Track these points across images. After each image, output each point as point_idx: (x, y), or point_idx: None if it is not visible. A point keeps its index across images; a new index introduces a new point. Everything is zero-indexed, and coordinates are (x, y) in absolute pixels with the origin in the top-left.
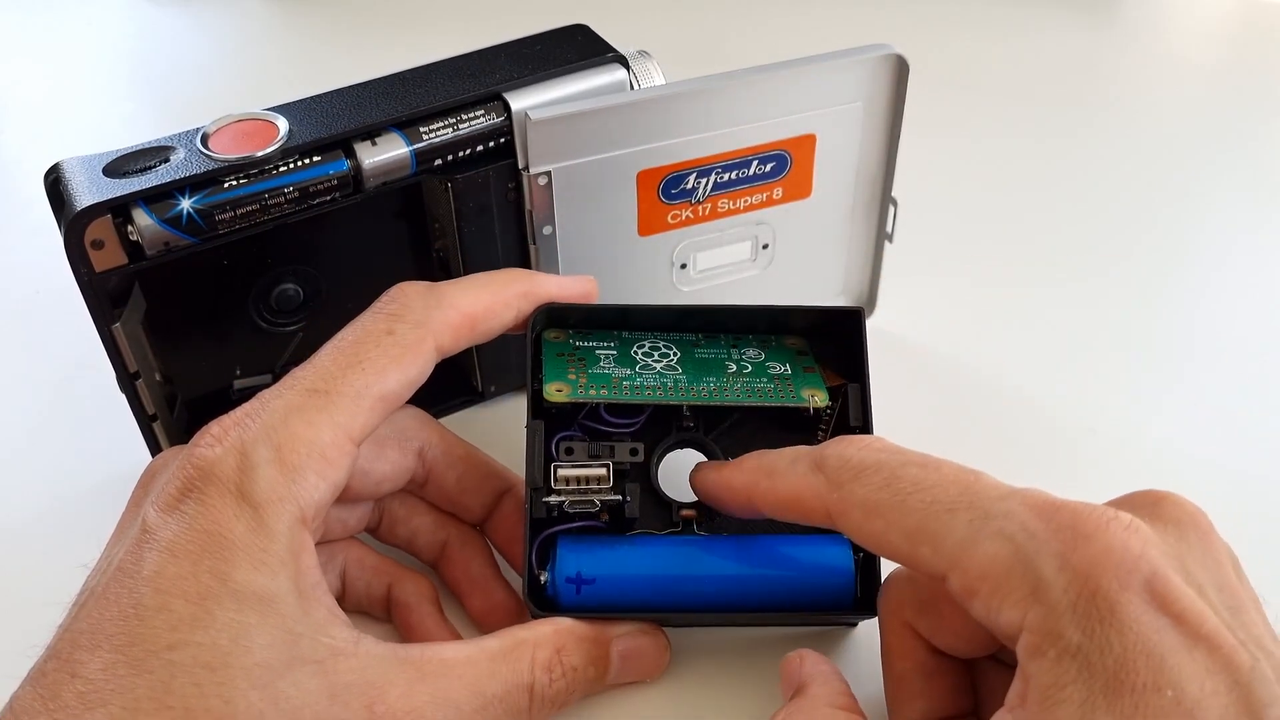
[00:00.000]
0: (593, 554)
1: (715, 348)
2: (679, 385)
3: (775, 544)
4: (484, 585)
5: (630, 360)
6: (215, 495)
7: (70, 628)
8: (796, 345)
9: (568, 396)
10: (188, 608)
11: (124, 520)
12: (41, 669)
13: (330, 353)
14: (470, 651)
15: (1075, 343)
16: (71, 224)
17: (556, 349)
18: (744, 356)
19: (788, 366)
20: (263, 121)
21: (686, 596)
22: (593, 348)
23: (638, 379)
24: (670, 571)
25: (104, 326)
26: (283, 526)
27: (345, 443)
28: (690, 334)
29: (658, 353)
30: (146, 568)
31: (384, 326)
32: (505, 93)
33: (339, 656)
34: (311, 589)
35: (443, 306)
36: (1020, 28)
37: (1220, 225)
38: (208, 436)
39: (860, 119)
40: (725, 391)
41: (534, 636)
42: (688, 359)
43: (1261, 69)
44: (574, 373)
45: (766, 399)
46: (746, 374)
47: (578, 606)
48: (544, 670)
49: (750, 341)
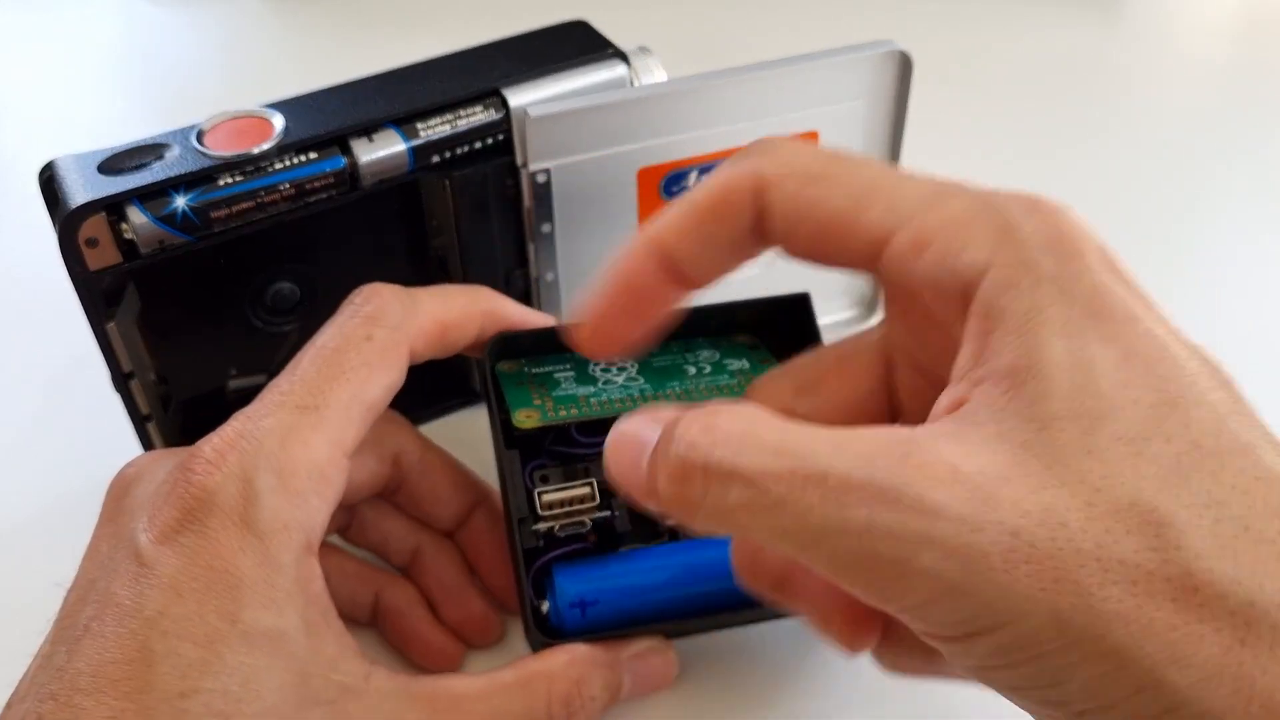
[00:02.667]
0: (590, 575)
1: (669, 355)
2: (645, 395)
3: None
4: (458, 595)
5: (590, 378)
6: (218, 526)
7: (66, 668)
8: (748, 341)
9: (538, 421)
10: (196, 652)
11: (100, 536)
12: (38, 712)
13: (313, 362)
14: (484, 685)
15: None
16: (65, 222)
17: (514, 378)
18: (699, 359)
19: (745, 361)
20: (258, 118)
21: (689, 601)
22: (550, 372)
23: (604, 394)
24: (670, 578)
25: (98, 325)
26: (290, 557)
27: (340, 459)
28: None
29: (615, 368)
30: (149, 607)
31: (363, 331)
32: (504, 89)
33: (350, 695)
34: (321, 617)
35: (418, 311)
36: (1024, 25)
37: (1226, 223)
38: (203, 462)
39: (863, 116)
40: (691, 394)
41: (548, 669)
42: (646, 369)
43: (1267, 66)
44: (539, 398)
45: (733, 395)
46: (707, 374)
47: (583, 630)
48: (561, 704)
49: (701, 344)
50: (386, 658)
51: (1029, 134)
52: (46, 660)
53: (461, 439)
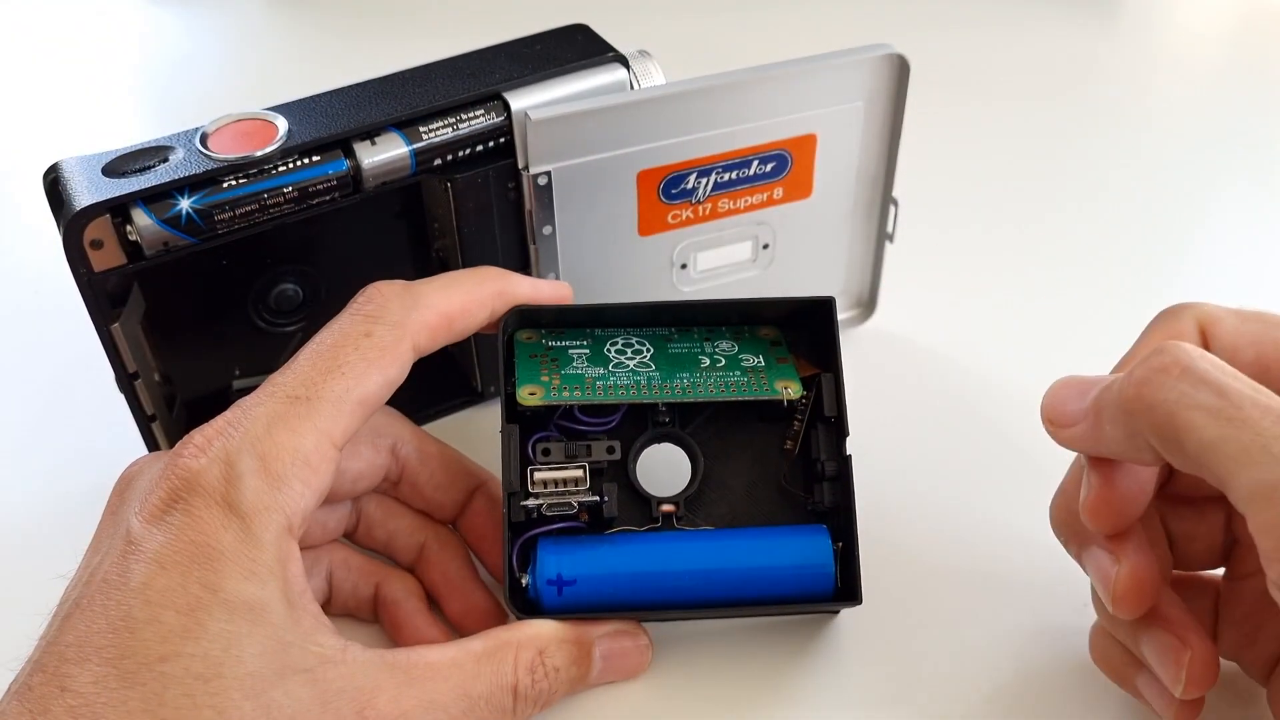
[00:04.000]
0: (573, 555)
1: (689, 341)
2: (652, 383)
3: (755, 537)
4: (461, 588)
5: (603, 359)
6: (201, 506)
7: (56, 640)
8: (770, 335)
9: (541, 399)
10: (178, 619)
11: (102, 529)
12: (27, 683)
13: (309, 357)
14: (455, 654)
15: (1077, 343)
16: (70, 224)
17: (529, 350)
18: (717, 350)
19: (761, 358)
20: (262, 121)
21: (668, 593)
22: (565, 347)
23: (611, 378)
24: (651, 569)
25: (103, 326)
26: (270, 536)
27: (328, 449)
28: (664, 329)
29: (630, 349)
30: (134, 579)
31: (362, 329)
32: (505, 92)
33: (328, 664)
34: (299, 597)
35: (419, 307)
36: (1021, 27)
37: (1222, 226)
38: (191, 447)
39: (861, 119)
40: (699, 387)
41: (516, 638)
42: (661, 355)
43: (1262, 68)
44: (547, 374)
45: (740, 393)
46: (720, 368)
47: (560, 608)
48: (527, 671)
49: (724, 334)
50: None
51: (1026, 136)
52: (40, 639)
53: (462, 439)
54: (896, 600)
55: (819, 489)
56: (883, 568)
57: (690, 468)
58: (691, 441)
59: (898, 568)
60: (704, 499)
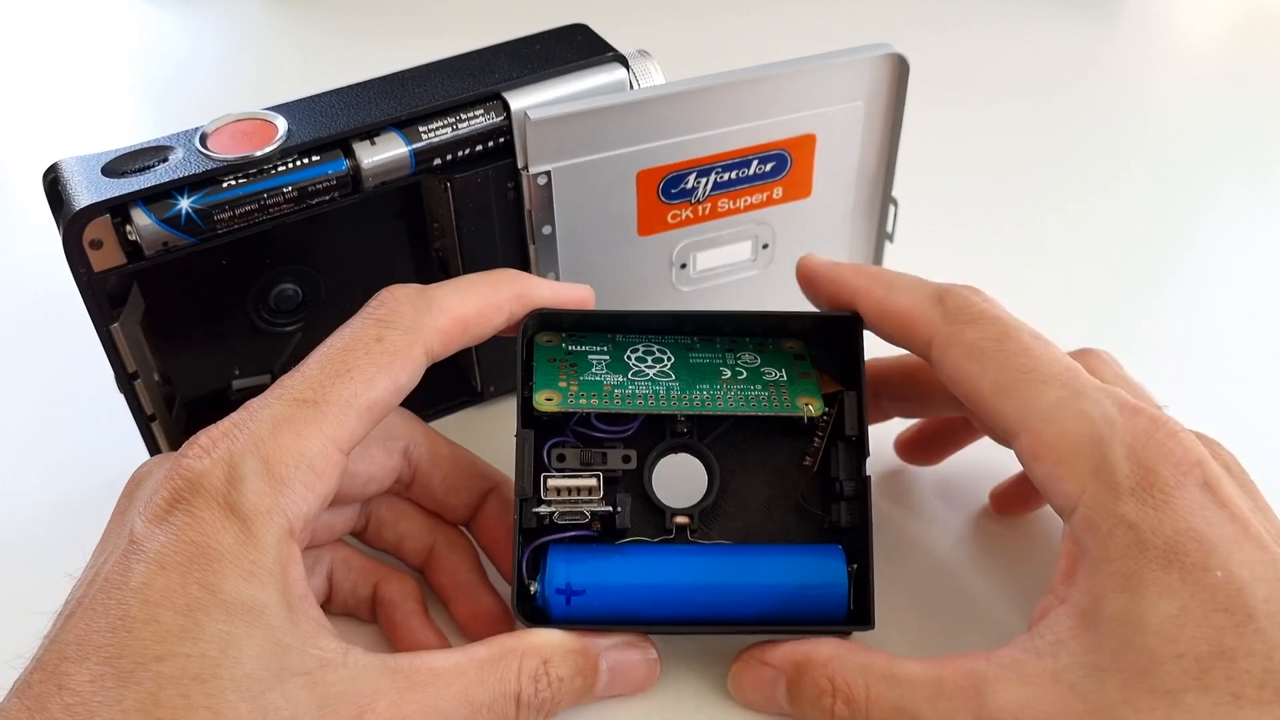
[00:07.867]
0: (583, 564)
1: (710, 352)
2: (671, 394)
3: (769, 554)
4: (470, 591)
5: (623, 366)
6: (203, 507)
7: (56, 639)
8: (794, 349)
9: (558, 405)
10: (176, 619)
11: (110, 529)
12: (27, 680)
13: (319, 361)
14: (458, 660)
15: (1077, 342)
16: (70, 224)
17: (549, 354)
18: (739, 361)
19: (783, 372)
20: (261, 121)
21: (679, 607)
22: (585, 352)
23: (629, 386)
24: (662, 582)
25: (102, 326)
26: (271, 539)
27: (334, 453)
28: (686, 337)
29: (651, 357)
30: (134, 579)
31: (373, 333)
32: (505, 92)
33: (328, 667)
34: (299, 600)
35: (433, 312)
36: (1021, 27)
37: (1223, 223)
38: (195, 448)
39: (860, 118)
40: (719, 400)
41: (521, 646)
42: (682, 364)
43: (1263, 67)
44: (565, 380)
45: (760, 408)
46: (741, 380)
47: (568, 618)
48: (530, 680)
49: (747, 345)
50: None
51: (1025, 135)
52: (44, 637)
53: (465, 439)
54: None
55: (836, 508)
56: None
57: (707, 480)
58: (709, 453)
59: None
60: (719, 512)
